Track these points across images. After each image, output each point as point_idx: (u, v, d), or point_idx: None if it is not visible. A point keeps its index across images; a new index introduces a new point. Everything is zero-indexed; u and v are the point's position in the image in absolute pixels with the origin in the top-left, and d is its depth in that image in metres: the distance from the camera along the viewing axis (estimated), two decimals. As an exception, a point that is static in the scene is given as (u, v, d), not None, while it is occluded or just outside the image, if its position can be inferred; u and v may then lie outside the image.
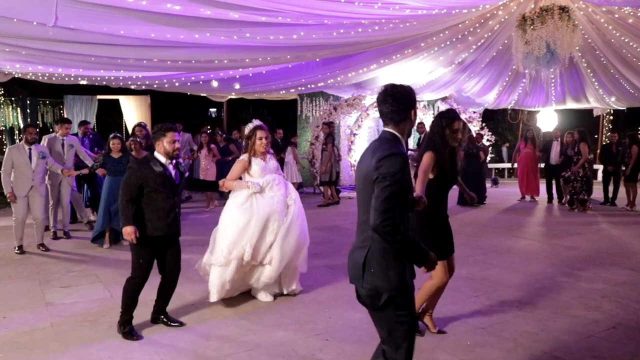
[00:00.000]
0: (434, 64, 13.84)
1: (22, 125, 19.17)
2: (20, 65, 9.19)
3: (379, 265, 2.82)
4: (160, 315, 5.08)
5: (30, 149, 7.90)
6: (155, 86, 13.06)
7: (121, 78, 11.64)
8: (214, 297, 5.45)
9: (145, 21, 5.99)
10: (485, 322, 5.09)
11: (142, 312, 5.07)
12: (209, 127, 12.68)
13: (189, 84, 12.76)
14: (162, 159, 4.77)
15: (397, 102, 2.91)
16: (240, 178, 5.61)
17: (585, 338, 4.71)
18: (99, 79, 11.61)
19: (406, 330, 2.86)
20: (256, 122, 5.63)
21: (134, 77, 11.36)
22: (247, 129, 5.61)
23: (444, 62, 13.66)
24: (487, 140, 18.34)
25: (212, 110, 34.32)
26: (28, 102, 18.94)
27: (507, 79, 15.40)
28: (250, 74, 12.61)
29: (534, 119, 20.12)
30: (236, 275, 5.50)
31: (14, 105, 19.53)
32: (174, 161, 4.84)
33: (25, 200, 7.92)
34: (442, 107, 17.36)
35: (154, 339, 4.69)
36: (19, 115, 19.06)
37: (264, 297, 5.72)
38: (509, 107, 18.84)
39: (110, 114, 20.57)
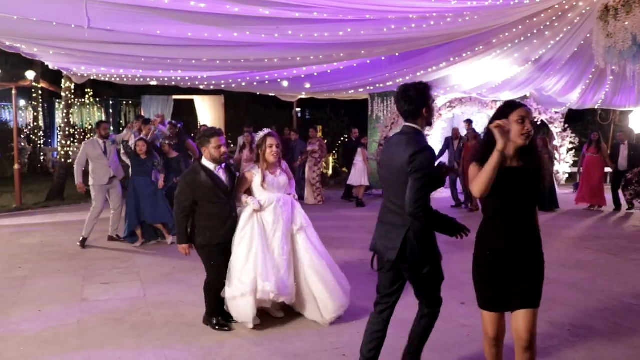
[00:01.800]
0: (509, 61, 13.05)
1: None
2: (86, 67, 9.53)
3: (420, 242, 3.37)
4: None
5: (104, 143, 8.25)
6: (222, 86, 13.18)
7: (187, 78, 11.82)
8: (250, 324, 4.78)
9: (176, 20, 5.93)
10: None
11: (166, 314, 4.99)
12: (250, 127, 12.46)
13: (255, 83, 12.76)
14: (210, 166, 4.76)
15: (409, 102, 3.38)
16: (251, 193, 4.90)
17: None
18: (166, 79, 11.85)
19: (440, 283, 3.61)
20: (266, 130, 4.96)
21: (199, 77, 11.50)
22: (257, 137, 4.95)
23: (519, 59, 12.85)
24: (570, 142, 17.21)
25: (298, 110, 34.48)
26: (111, 102, 19.88)
27: (590, 76, 14.26)
28: (315, 74, 12.43)
29: (626, 120, 18.59)
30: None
31: (99, 105, 20.58)
32: (223, 165, 4.83)
33: (105, 191, 8.23)
34: (522, 107, 16.42)
35: (170, 343, 4.59)
36: (103, 114, 20.04)
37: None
38: (596, 107, 17.51)
39: (186, 114, 21.17)
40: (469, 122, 13.66)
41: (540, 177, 3.04)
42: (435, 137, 15.88)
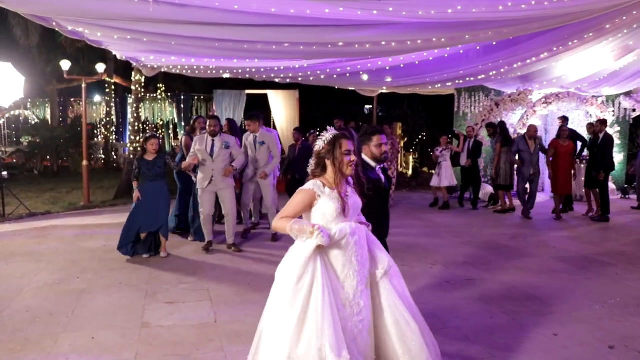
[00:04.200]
0: (618, 51, 11.39)
1: (176, 120, 19.79)
2: (155, 57, 8.77)
3: None
4: None
5: (213, 140, 7.36)
6: (300, 79, 12.21)
7: (263, 70, 10.92)
8: None
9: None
10: None
11: (242, 351, 3.98)
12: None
13: (335, 76, 11.71)
14: (373, 164, 4.33)
15: None
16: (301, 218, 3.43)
17: None
18: (240, 71, 10.99)
19: None
20: (330, 130, 3.49)
21: (275, 68, 10.56)
22: (321, 141, 3.43)
23: (632, 47, 11.17)
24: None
25: (368, 107, 33.45)
26: (183, 97, 19.41)
27: None
28: (402, 65, 11.25)
29: None
30: None
31: (170, 100, 20.18)
32: (381, 165, 4.39)
33: (210, 195, 7.43)
34: (625, 103, 14.64)
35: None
36: (175, 110, 19.63)
37: None
38: None
39: (259, 110, 20.46)
40: (564, 119, 12.11)
41: None
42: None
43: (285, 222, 3.22)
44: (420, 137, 21.12)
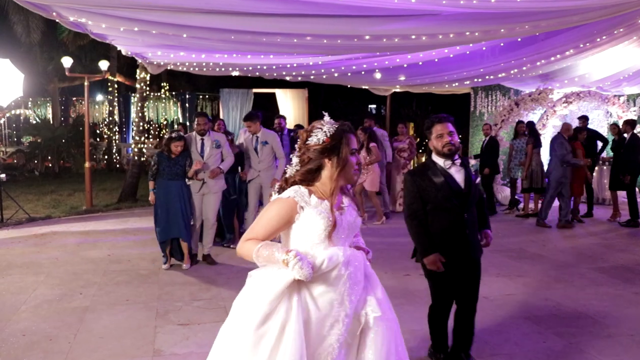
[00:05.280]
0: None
1: (181, 119, 19.28)
2: (162, 53, 8.21)
3: None
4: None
5: (202, 139, 6.77)
6: (312, 77, 11.68)
7: (274, 67, 10.39)
8: None
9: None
10: None
11: None
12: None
13: (349, 74, 11.18)
14: (440, 162, 3.69)
15: None
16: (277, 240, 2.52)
17: None
18: (250, 68, 10.45)
19: None
20: (329, 120, 2.52)
21: (288, 65, 10.02)
22: (321, 132, 2.47)
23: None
24: None
25: (372, 106, 32.93)
26: (187, 96, 18.92)
27: None
28: (420, 63, 10.71)
29: None
30: None
31: (175, 99, 19.68)
32: (456, 160, 3.67)
33: (199, 199, 6.80)
34: (648, 102, 14.08)
35: None
36: (179, 109, 19.14)
37: None
38: None
39: (266, 108, 19.96)
40: (584, 119, 11.55)
41: None
42: (547, 138, 13.79)
43: (252, 246, 2.35)
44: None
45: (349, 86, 14.43)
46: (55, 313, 5.09)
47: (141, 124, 12.53)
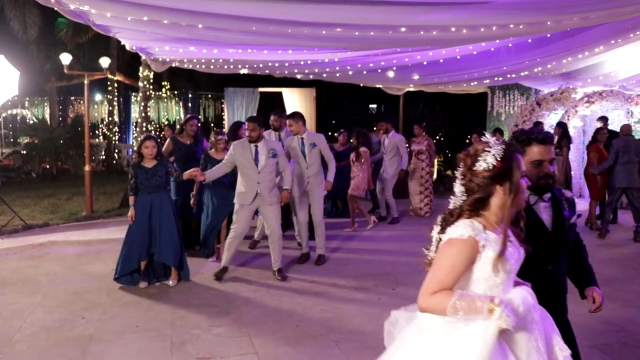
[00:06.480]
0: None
1: (183, 119, 18.64)
2: (170, 47, 7.56)
3: None
4: None
5: (257, 147, 6.01)
6: (325, 75, 11.05)
7: (286, 64, 9.76)
8: None
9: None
10: None
11: None
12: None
13: (365, 72, 10.54)
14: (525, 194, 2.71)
15: None
16: None
17: None
18: (261, 65, 9.82)
19: None
20: (494, 141, 2.17)
21: (302, 62, 9.38)
22: (490, 155, 2.11)
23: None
24: None
25: (372, 106, 32.27)
26: (190, 95, 18.30)
27: None
28: (441, 60, 10.08)
29: None
30: None
31: (177, 99, 19.05)
32: (546, 196, 2.64)
33: (249, 213, 6.18)
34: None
35: None
36: (181, 108, 18.53)
37: None
38: None
39: (273, 109, 19.37)
40: (604, 119, 10.94)
41: None
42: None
43: (445, 298, 1.96)
44: (437, 138, 20.00)
45: (361, 85, 13.80)
46: (55, 344, 4.43)
47: (144, 124, 11.88)
